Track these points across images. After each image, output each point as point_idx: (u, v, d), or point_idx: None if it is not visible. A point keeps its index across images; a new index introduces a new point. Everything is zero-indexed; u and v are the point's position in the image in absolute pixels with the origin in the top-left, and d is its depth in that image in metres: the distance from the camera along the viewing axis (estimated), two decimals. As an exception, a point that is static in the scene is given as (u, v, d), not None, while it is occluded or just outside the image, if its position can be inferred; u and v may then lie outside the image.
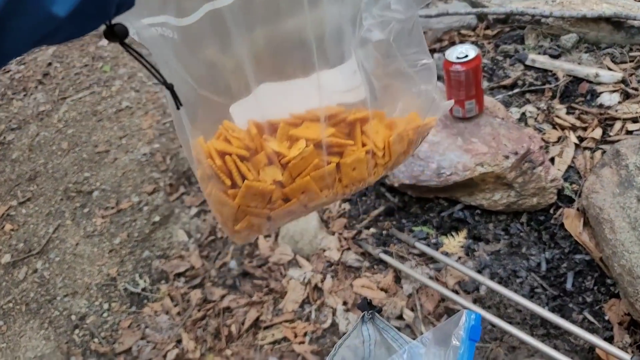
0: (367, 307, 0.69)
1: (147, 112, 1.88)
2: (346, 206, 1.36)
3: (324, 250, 1.28)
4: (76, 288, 1.44)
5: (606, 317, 0.99)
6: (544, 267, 1.08)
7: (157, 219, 1.53)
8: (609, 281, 1.01)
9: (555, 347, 0.95)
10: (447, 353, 0.62)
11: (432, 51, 1.62)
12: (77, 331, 1.34)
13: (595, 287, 1.03)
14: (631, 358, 0.77)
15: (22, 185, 1.75)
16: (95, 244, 1.53)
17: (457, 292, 1.10)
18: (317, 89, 0.44)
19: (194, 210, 1.52)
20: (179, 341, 1.23)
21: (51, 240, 1.58)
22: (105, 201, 1.64)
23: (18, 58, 2.19)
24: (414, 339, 0.73)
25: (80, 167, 1.74)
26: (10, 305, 1.45)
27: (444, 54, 1.10)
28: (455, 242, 1.18)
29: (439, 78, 0.95)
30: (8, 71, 2.28)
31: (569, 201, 1.10)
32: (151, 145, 1.75)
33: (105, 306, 1.37)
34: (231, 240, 1.01)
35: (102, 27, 0.33)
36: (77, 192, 1.70)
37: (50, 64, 2.23)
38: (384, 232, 1.26)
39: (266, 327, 1.19)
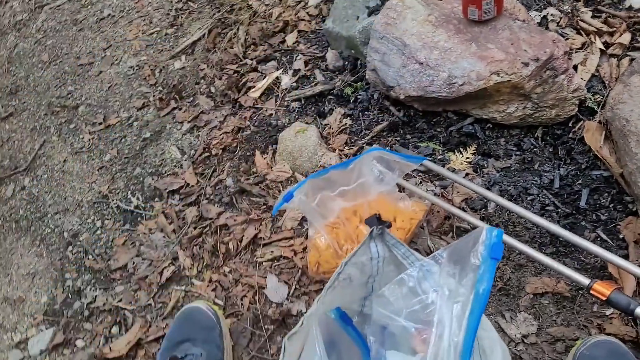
0: (376, 222, 0.64)
1: (132, 22, 1.74)
2: (347, 121, 1.27)
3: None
4: (67, 205, 1.39)
5: (621, 236, 0.94)
6: (557, 183, 1.02)
7: (147, 135, 1.45)
8: (627, 198, 0.95)
9: (564, 265, 0.92)
10: (464, 272, 0.57)
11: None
12: (70, 248, 1.30)
13: (612, 205, 0.97)
14: (650, 275, 0.73)
15: (4, 100, 1.65)
16: (84, 161, 1.47)
17: (464, 210, 1.05)
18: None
19: (186, 126, 1.43)
20: (175, 259, 1.20)
21: (37, 157, 1.51)
22: (92, 117, 1.55)
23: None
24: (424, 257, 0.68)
25: (63, 81, 1.63)
26: (0, 222, 1.41)
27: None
28: (463, 159, 1.11)
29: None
30: (-21, -24, 2.09)
31: (591, 113, 1.02)
32: (138, 58, 1.63)
33: (98, 223, 1.33)
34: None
35: None
36: (61, 107, 1.60)
37: (23, -33, 2.04)
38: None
39: (265, 245, 1.15)
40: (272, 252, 1.14)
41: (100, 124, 1.52)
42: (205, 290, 1.13)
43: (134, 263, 1.23)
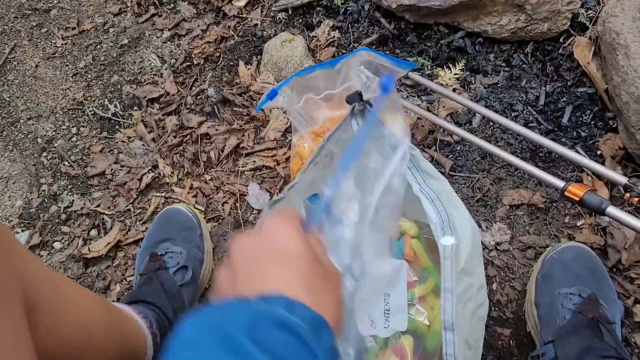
0: (357, 98, 0.63)
1: None
2: (336, 34, 1.24)
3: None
4: (40, 111, 1.34)
5: (599, 152, 0.97)
6: (542, 100, 1.02)
7: (125, 41, 1.38)
8: (608, 114, 0.97)
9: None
10: None
11: None
12: (45, 154, 1.27)
13: (593, 122, 0.99)
14: (628, 180, 0.75)
15: (-32, 0, 1.54)
16: (57, 67, 1.40)
17: (449, 123, 1.05)
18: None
19: (166, 34, 1.37)
20: (155, 166, 1.18)
21: (8, 61, 1.43)
22: (64, 21, 1.47)
23: None
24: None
25: (33, -19, 1.52)
26: (-30, 127, 1.35)
27: None
28: (451, 75, 1.10)
29: None
30: None
31: (582, 29, 1.01)
32: (114, -41, 1.52)
33: (74, 130, 1.29)
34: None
35: None
36: (32, 9, 1.51)
37: None
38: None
39: (247, 155, 1.14)
40: (254, 161, 1.14)
41: (73, 28, 1.44)
42: (185, 197, 1.12)
43: (112, 170, 1.21)
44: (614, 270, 0.88)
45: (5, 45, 1.46)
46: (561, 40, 1.02)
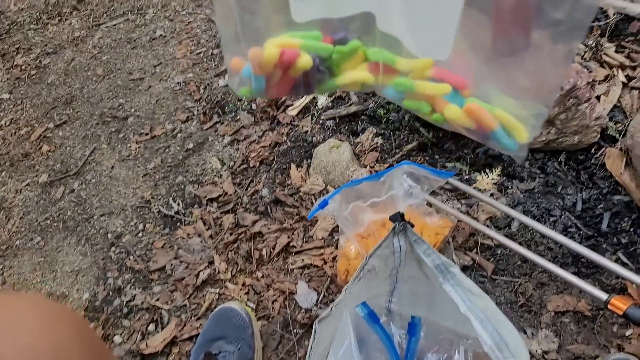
0: (399, 218, 0.70)
1: (181, 42, 1.87)
2: (379, 140, 1.35)
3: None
4: (112, 208, 1.49)
5: (640, 259, 0.98)
6: (579, 206, 1.06)
7: (190, 146, 1.55)
8: (647, 222, 0.99)
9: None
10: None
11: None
12: (113, 249, 1.39)
13: (632, 229, 1.01)
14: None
15: (59, 109, 1.78)
16: (130, 168, 1.57)
17: (488, 227, 1.10)
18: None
19: (227, 139, 1.53)
20: (211, 262, 1.27)
21: (87, 163, 1.62)
22: (139, 127, 1.66)
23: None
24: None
25: (115, 93, 1.75)
26: (48, 222, 1.51)
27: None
28: (488, 179, 1.17)
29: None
30: (42, -4, 2.27)
31: (612, 141, 1.07)
32: (185, 75, 1.75)
33: (140, 227, 1.42)
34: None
35: None
36: (112, 117, 1.72)
37: (83, -11, 2.21)
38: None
39: (296, 253, 1.22)
40: (302, 260, 1.21)
41: (146, 134, 1.63)
42: (238, 294, 1.20)
43: (171, 265, 1.31)
44: (667, 383, 0.86)
45: (86, 148, 1.66)
46: (592, 151, 1.08)
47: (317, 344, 0.69)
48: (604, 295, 0.81)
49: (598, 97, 1.11)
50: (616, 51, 1.20)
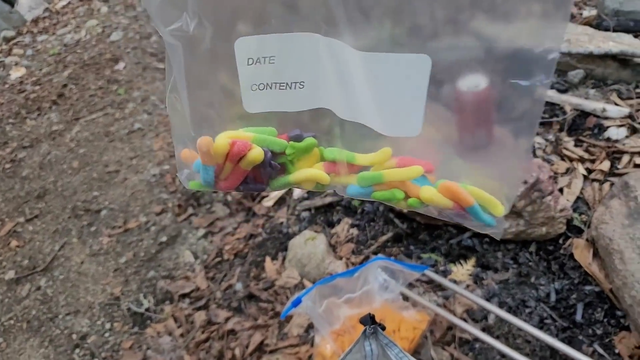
0: (369, 321, 0.68)
1: (159, 134, 1.91)
2: (354, 231, 1.36)
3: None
4: (79, 307, 1.43)
5: (616, 351, 0.97)
6: (553, 297, 1.07)
7: (164, 239, 1.53)
8: (619, 313, 1.00)
9: (566, 379, 0.94)
10: None
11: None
12: (77, 350, 1.32)
13: (605, 319, 1.02)
14: (645, 390, 0.76)
15: (31, 203, 1.76)
16: (101, 263, 1.53)
17: (465, 320, 1.09)
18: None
19: (201, 232, 1.52)
20: (181, 363, 1.21)
21: (56, 258, 1.58)
22: (112, 220, 1.65)
23: (34, 78, 2.23)
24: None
25: (90, 186, 1.75)
26: (12, 322, 1.44)
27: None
28: (463, 270, 1.17)
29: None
30: (23, 91, 2.33)
31: (578, 231, 1.11)
32: (161, 167, 1.77)
33: (108, 326, 1.36)
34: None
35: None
36: (85, 210, 1.71)
37: (65, 85, 2.28)
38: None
39: (271, 351, 1.18)
40: (277, 358, 1.16)
41: (120, 227, 1.61)
42: (209, 397, 1.13)
43: (139, 367, 1.24)
44: None
45: (56, 243, 1.63)
46: (560, 241, 1.11)
47: None
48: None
49: (561, 190, 1.16)
50: (575, 145, 1.28)
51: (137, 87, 2.21)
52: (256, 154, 0.42)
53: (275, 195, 1.54)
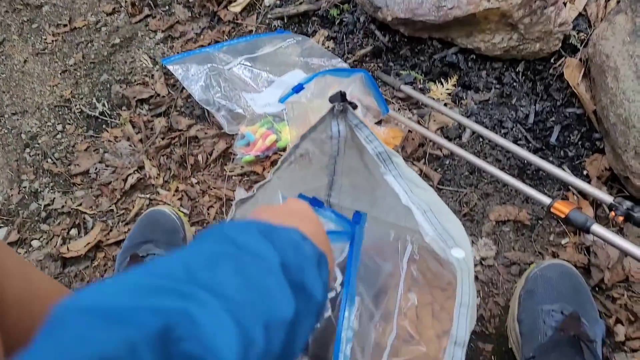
0: (339, 98, 0.61)
1: None
2: (330, 44, 1.24)
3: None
4: (25, 107, 1.31)
5: (585, 172, 0.98)
6: (531, 119, 1.03)
7: (117, 41, 1.37)
8: (596, 135, 0.98)
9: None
10: None
11: None
12: (28, 150, 1.24)
13: (580, 142, 1.00)
14: (613, 200, 0.76)
15: (-41, -9, 1.52)
16: (46, 63, 1.38)
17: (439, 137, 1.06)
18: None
19: (160, 35, 1.36)
20: (141, 167, 1.16)
21: (-4, 55, 1.41)
22: (56, 17, 1.45)
23: None
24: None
25: (27, -24, 1.51)
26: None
27: None
28: (443, 89, 1.11)
29: None
30: None
31: (573, 51, 1.03)
32: (111, -42, 1.52)
33: (59, 127, 1.26)
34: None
35: None
36: (24, 4, 1.49)
37: None
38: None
39: (235, 159, 1.13)
40: (242, 167, 1.12)
41: (65, 25, 1.43)
42: (170, 199, 1.10)
43: (96, 169, 1.19)
44: (597, 289, 0.88)
45: (-7, 38, 1.44)
46: (552, 60, 1.04)
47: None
48: (547, 200, 0.79)
49: (565, 4, 1.05)
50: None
51: None
52: None
53: (243, 0, 1.37)
